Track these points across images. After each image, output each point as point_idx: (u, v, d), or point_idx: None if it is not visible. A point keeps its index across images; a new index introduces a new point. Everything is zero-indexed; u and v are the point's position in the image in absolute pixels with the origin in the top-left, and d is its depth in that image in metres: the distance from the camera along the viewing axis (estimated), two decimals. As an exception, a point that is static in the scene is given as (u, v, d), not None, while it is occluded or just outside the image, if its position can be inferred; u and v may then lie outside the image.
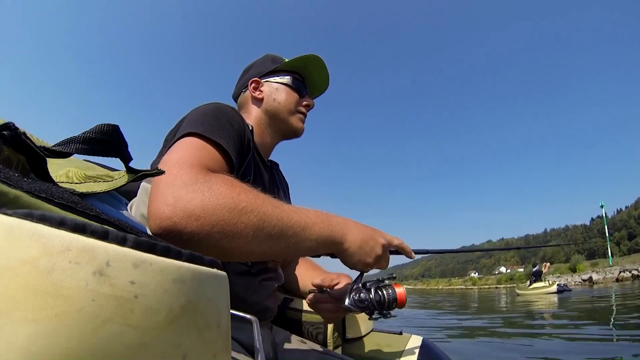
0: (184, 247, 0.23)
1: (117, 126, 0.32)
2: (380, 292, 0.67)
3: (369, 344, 0.93)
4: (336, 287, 0.77)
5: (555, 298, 9.80)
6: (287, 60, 0.85)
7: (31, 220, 0.18)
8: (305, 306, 0.90)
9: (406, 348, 0.87)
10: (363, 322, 0.95)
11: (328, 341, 0.88)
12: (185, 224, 0.43)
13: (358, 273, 0.68)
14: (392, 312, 0.69)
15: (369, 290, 0.67)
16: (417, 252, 0.75)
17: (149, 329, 0.19)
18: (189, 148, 0.55)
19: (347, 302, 0.66)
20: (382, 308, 0.67)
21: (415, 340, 0.91)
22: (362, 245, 0.61)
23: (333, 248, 0.59)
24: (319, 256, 0.67)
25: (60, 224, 0.18)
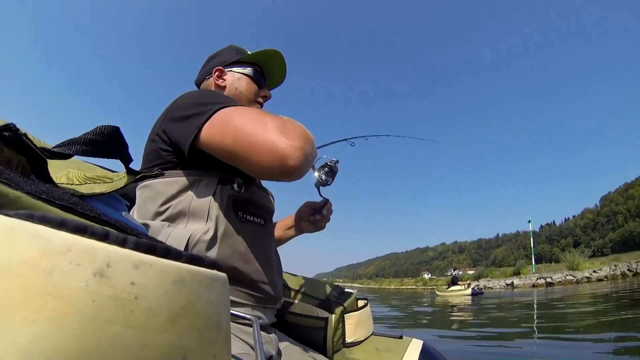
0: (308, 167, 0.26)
1: (118, 127, 0.32)
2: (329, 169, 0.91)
3: (369, 348, 0.92)
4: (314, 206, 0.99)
5: (469, 299, 11.32)
6: (249, 52, 0.90)
7: (32, 222, 0.18)
8: (305, 310, 0.90)
9: (406, 352, 0.86)
10: (363, 326, 0.94)
11: (328, 345, 0.87)
12: (309, 148, 0.58)
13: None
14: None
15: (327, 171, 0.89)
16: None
17: (149, 330, 0.19)
18: (245, 113, 0.61)
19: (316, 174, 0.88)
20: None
21: (415, 345, 0.90)
22: None
23: None
24: None
25: (60, 225, 0.18)
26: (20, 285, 0.17)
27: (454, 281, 15.56)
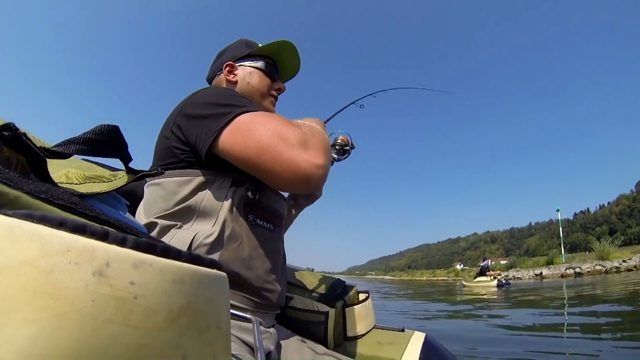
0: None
1: (117, 127, 0.32)
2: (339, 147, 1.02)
3: (371, 342, 0.91)
4: None
5: (494, 289, 11.39)
6: (260, 45, 0.88)
7: (31, 221, 0.18)
8: (306, 305, 0.90)
9: (408, 345, 0.86)
10: (364, 319, 0.94)
11: (329, 339, 0.87)
12: (328, 160, 0.62)
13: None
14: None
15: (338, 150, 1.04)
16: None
17: (148, 329, 0.19)
18: (266, 123, 0.60)
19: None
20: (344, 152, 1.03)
21: (417, 337, 0.90)
22: None
23: None
24: None
25: (60, 224, 0.18)
26: (20, 285, 0.17)
27: (482, 272, 15.47)
